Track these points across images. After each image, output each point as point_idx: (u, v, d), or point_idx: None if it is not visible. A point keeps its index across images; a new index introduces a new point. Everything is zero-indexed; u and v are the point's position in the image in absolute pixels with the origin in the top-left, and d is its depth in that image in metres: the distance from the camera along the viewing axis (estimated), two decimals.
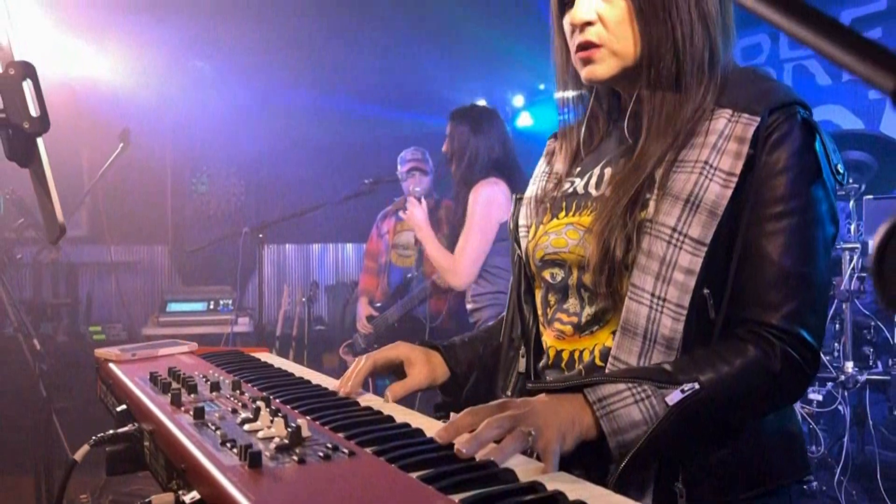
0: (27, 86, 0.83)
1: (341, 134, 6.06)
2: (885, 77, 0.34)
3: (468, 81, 6.05)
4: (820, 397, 2.98)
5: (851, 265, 2.78)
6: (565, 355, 1.10)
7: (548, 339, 1.15)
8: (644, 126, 1.05)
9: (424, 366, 1.20)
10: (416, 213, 3.00)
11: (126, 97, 5.01)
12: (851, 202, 2.96)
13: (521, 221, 1.23)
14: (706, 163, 0.96)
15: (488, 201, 2.80)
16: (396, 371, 1.23)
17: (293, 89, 5.70)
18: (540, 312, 1.17)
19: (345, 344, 3.84)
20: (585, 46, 1.06)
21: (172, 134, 5.56)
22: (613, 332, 1.02)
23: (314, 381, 1.22)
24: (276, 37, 5.04)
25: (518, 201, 1.27)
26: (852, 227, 2.92)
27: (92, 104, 4.84)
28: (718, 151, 0.96)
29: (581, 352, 1.07)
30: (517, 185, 2.65)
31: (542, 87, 5.95)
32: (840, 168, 1.00)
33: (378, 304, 3.65)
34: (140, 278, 5.83)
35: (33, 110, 0.84)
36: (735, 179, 0.94)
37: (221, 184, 6.02)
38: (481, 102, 6.50)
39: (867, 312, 2.91)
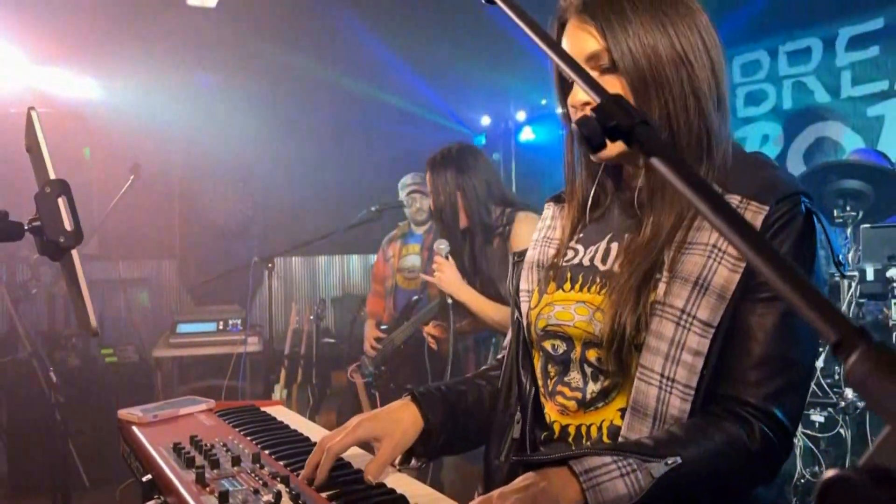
0: (62, 202, 0.90)
1: (345, 150, 6.14)
2: (829, 329, 0.40)
3: (472, 97, 6.11)
4: (822, 419, 3.02)
5: (850, 293, 2.82)
6: (572, 430, 1.11)
7: (551, 412, 1.15)
8: (649, 201, 1.07)
9: (393, 434, 1.15)
10: (449, 276, 2.64)
11: (134, 115, 5.08)
12: (849, 230, 3.02)
13: (523, 286, 1.24)
14: (715, 246, 1.00)
15: None
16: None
17: (298, 103, 5.77)
18: (541, 383, 1.18)
19: (354, 365, 3.89)
20: None
21: (181, 149, 5.63)
22: (620, 410, 1.05)
23: None
24: (281, 51, 5.11)
25: (518, 263, 1.29)
26: (850, 255, 2.97)
27: (101, 125, 4.90)
28: None
29: (588, 427, 1.09)
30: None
31: (543, 102, 6.01)
32: (841, 258, 1.05)
33: (384, 326, 3.70)
34: (149, 295, 5.90)
35: (67, 224, 0.90)
36: (743, 265, 0.97)
37: (229, 199, 6.07)
38: (485, 120, 6.58)
39: None
